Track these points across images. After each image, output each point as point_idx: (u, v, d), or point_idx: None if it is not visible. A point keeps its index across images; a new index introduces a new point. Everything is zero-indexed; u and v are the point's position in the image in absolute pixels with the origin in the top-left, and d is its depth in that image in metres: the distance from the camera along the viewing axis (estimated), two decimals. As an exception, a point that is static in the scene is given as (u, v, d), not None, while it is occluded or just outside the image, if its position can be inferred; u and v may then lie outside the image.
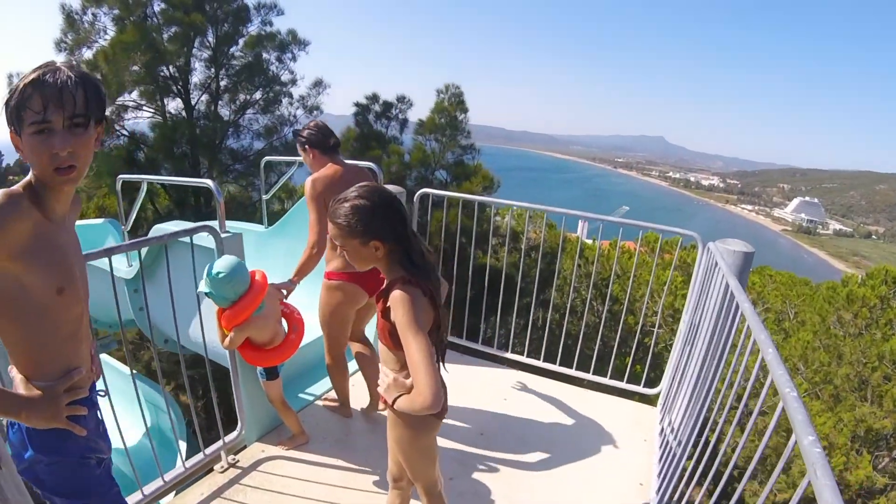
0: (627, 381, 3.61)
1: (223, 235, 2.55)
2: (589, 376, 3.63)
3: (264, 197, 4.57)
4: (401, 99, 11.40)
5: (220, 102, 10.88)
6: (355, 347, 3.08)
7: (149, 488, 2.39)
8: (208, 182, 2.72)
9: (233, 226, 4.04)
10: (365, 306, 2.90)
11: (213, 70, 10.58)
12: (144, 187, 3.91)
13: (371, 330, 3.11)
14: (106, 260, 2.03)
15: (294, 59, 11.42)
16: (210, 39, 10.34)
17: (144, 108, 9.91)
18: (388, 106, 11.23)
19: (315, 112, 11.70)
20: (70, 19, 9.44)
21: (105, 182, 9.33)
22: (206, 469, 2.72)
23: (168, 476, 2.48)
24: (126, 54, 8.83)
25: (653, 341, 4.23)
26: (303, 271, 2.73)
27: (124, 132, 10.01)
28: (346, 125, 11.04)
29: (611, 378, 3.63)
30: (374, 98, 11.24)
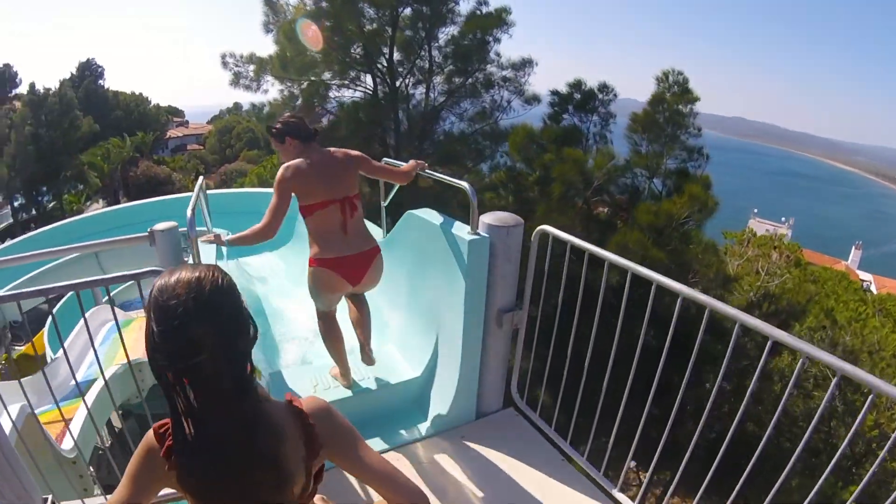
0: None
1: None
2: None
3: (383, 204, 4.04)
4: (603, 88, 9.69)
5: (431, 84, 10.60)
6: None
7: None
8: (464, 185, 2.89)
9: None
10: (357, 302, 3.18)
11: (422, 51, 10.30)
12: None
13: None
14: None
15: (498, 40, 10.43)
16: (421, 13, 9.92)
17: (350, 86, 10.06)
18: (588, 96, 9.68)
19: (533, 102, 10.59)
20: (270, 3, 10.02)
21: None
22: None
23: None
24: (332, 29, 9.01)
25: None
26: (240, 240, 2.83)
27: (327, 110, 10.32)
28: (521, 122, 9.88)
29: None
30: (576, 86, 9.70)
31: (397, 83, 10.21)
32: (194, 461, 1.09)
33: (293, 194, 2.78)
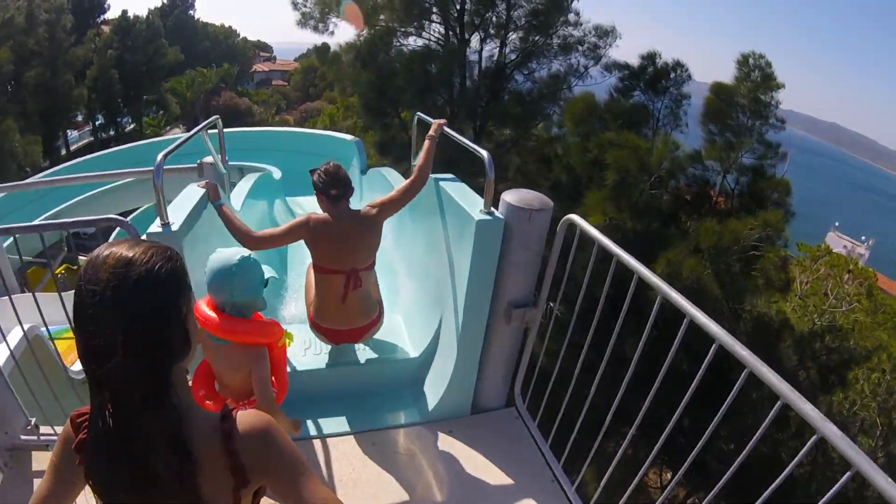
0: None
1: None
2: None
3: (414, 162, 3.70)
4: (678, 66, 8.50)
5: (505, 40, 9.55)
6: None
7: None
8: (483, 153, 2.48)
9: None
10: None
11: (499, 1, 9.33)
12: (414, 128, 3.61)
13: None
14: None
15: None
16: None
17: (415, 33, 9.36)
18: (662, 72, 8.48)
19: (613, 70, 9.47)
20: None
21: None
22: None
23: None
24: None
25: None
26: (226, 219, 2.47)
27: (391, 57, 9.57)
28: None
29: None
30: (650, 58, 8.53)
31: (467, 35, 9.46)
32: (96, 463, 0.96)
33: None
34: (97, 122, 32.35)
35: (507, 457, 2.68)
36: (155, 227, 2.23)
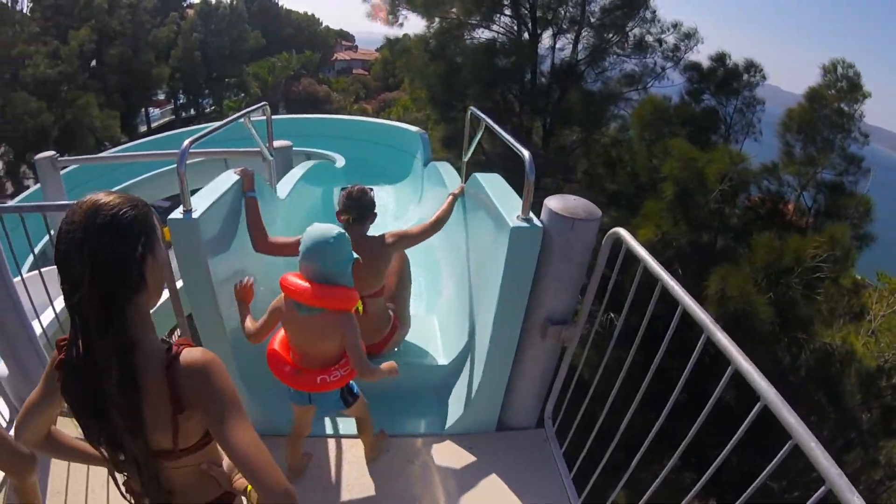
0: None
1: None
2: None
3: (465, 159, 3.53)
4: (750, 67, 7.75)
5: (580, 37, 9.03)
6: None
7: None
8: (524, 153, 2.22)
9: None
10: None
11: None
12: (481, 132, 3.33)
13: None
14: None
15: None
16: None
17: (483, 25, 9.07)
18: (732, 74, 7.76)
19: (688, 71, 8.84)
20: None
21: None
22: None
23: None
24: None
25: None
26: (249, 211, 2.58)
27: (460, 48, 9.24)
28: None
29: None
30: (720, 60, 7.84)
31: (539, 30, 9.03)
32: (65, 381, 1.11)
33: None
34: (179, 102, 33.95)
35: (525, 483, 2.48)
36: (177, 213, 2.17)
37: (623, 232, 2.04)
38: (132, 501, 1.33)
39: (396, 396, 2.96)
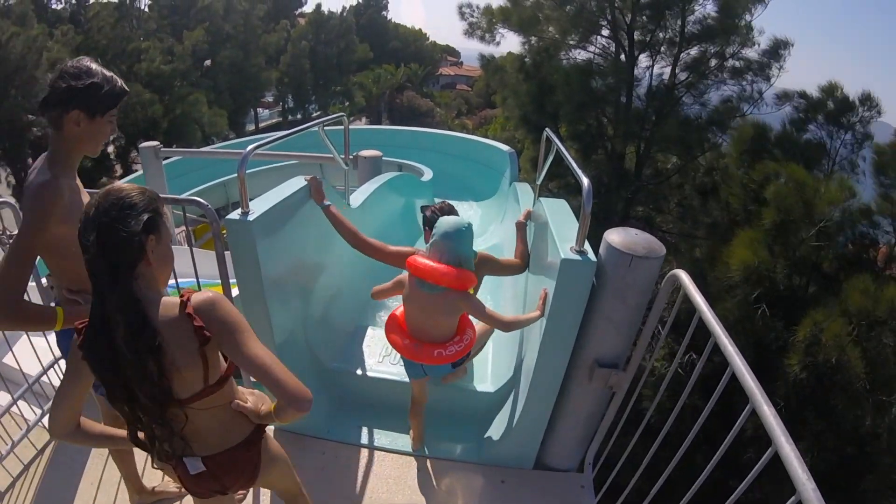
0: None
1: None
2: None
3: (537, 182, 3.45)
4: (867, 100, 6.95)
5: (678, 59, 8.49)
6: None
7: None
8: (584, 181, 2.14)
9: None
10: None
11: (671, 16, 8.33)
12: (552, 153, 3.33)
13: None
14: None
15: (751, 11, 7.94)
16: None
17: (580, 46, 8.78)
18: (845, 106, 7.01)
19: (789, 99, 8.12)
20: None
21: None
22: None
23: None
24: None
25: None
26: (334, 219, 2.65)
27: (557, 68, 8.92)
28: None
29: None
30: (829, 91, 7.09)
31: (636, 52, 8.68)
32: (86, 349, 1.25)
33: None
34: (287, 105, 35.99)
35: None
36: (234, 214, 2.25)
37: (683, 275, 1.88)
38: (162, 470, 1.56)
39: (438, 417, 2.90)
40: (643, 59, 8.95)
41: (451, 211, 2.77)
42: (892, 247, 6.16)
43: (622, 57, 8.90)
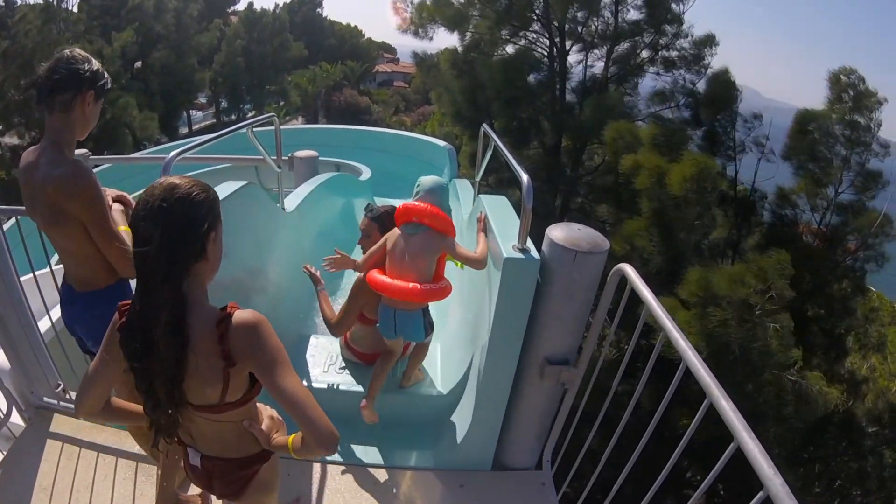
0: None
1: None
2: None
3: (477, 179, 3.41)
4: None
5: (613, 51, 8.54)
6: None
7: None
8: (523, 177, 2.12)
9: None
10: None
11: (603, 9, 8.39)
12: (490, 148, 3.43)
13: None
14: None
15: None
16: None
17: (511, 40, 8.73)
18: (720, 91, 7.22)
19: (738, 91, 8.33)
20: None
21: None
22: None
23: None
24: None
25: None
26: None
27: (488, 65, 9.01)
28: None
29: None
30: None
31: (567, 45, 8.68)
32: (123, 332, 1.27)
33: None
34: (221, 106, 34.81)
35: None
36: None
37: (628, 268, 1.87)
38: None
39: (390, 425, 2.81)
40: (578, 54, 9.03)
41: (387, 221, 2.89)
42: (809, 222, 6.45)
43: (554, 50, 8.97)
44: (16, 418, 2.81)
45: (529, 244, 2.08)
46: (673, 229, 5.66)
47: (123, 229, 1.94)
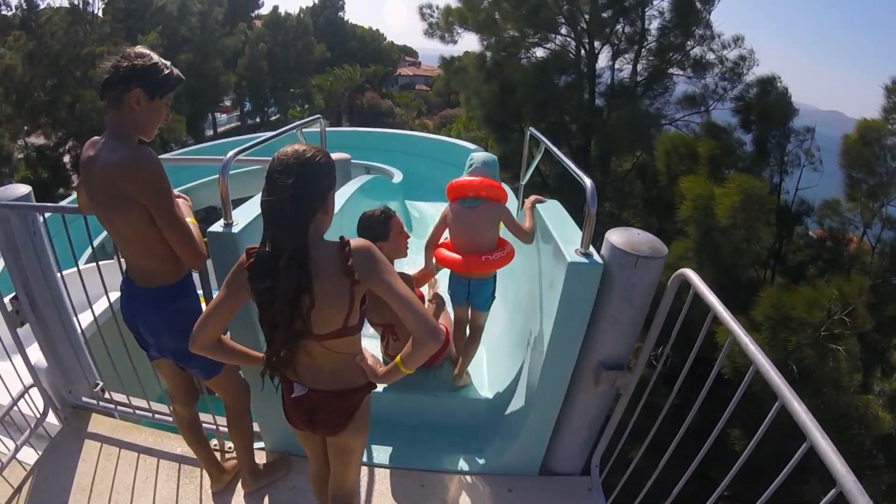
0: None
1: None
2: None
3: (522, 182, 3.41)
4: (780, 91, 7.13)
5: (640, 55, 8.65)
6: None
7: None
8: (586, 181, 2.11)
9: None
10: None
11: (633, 12, 8.41)
12: (539, 155, 3.47)
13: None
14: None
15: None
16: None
17: (540, 44, 8.78)
18: (777, 101, 7.09)
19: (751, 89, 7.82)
20: None
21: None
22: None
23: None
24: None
25: None
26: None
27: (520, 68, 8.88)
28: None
29: None
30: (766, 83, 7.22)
31: (597, 48, 8.69)
32: (253, 271, 1.49)
33: None
34: (245, 109, 35.12)
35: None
36: (216, 226, 2.11)
37: (691, 273, 1.85)
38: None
39: (437, 429, 2.83)
40: (607, 57, 9.00)
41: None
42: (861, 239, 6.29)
43: (582, 53, 8.94)
44: (50, 418, 2.81)
45: (591, 249, 2.07)
46: (721, 252, 5.61)
47: (191, 221, 1.92)
